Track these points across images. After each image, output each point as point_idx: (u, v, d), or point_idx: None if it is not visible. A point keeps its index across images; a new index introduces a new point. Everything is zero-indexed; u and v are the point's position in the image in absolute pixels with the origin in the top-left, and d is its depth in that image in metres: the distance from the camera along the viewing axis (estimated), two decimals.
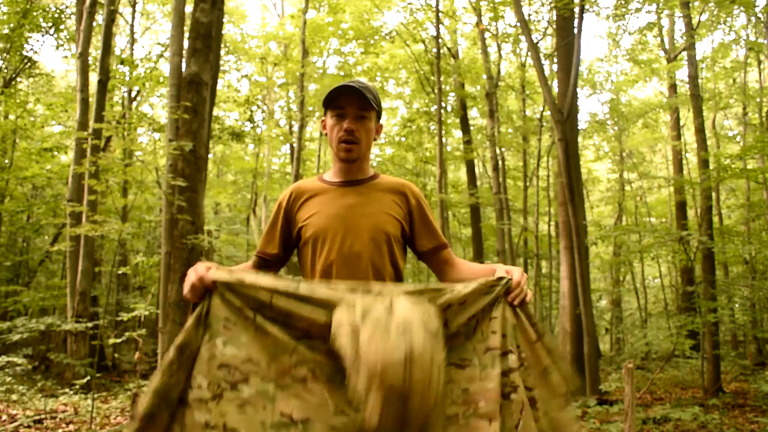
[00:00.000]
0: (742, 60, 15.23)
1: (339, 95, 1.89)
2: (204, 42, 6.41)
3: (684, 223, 13.32)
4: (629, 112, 17.37)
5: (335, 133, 1.91)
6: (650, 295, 19.93)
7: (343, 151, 1.91)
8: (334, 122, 1.91)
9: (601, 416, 6.83)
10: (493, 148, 13.30)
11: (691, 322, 8.01)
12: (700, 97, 10.50)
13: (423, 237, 1.96)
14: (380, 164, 17.52)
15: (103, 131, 9.95)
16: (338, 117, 1.91)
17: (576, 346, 8.89)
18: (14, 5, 12.31)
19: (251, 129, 15.96)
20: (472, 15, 14.54)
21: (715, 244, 8.93)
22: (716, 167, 9.29)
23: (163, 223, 6.58)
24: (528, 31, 9.00)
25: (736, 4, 10.20)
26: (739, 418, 6.80)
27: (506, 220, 12.69)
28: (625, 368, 4.37)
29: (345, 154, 1.91)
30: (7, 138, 13.86)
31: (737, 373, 10.63)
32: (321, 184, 1.97)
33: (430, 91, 14.92)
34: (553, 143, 11.14)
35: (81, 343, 9.48)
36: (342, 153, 1.91)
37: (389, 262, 1.86)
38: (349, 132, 1.89)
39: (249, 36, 16.37)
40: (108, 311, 12.61)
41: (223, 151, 20.00)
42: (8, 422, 6.38)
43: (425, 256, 1.97)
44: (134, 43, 16.08)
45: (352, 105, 1.89)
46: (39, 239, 16.58)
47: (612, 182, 20.25)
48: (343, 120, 1.90)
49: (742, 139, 16.08)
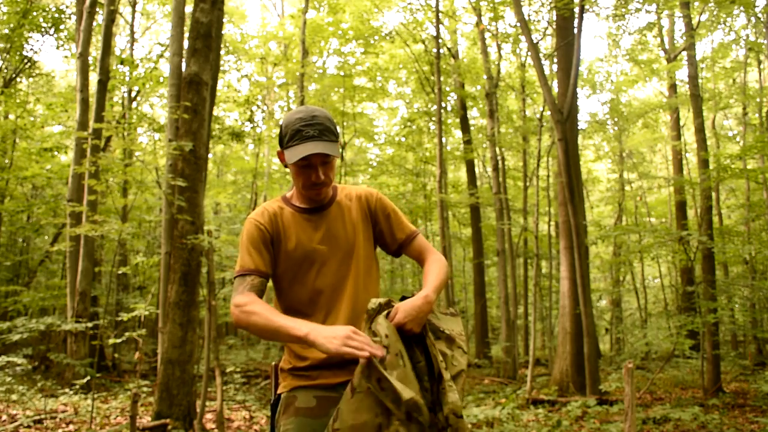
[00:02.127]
0: (742, 60, 15.23)
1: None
2: (204, 42, 6.42)
3: (684, 223, 13.33)
4: (629, 112, 17.38)
5: (301, 182, 1.89)
6: (650, 295, 19.95)
7: (315, 195, 1.92)
8: (299, 170, 1.87)
9: (601, 416, 6.83)
10: (493, 148, 13.30)
11: (691, 322, 8.01)
12: (700, 97, 10.51)
13: (395, 231, 2.05)
14: (380, 164, 17.53)
15: (103, 131, 9.96)
16: (303, 168, 1.86)
17: (576, 346, 8.89)
18: (14, 5, 12.31)
19: (251, 129, 15.95)
20: (472, 15, 14.55)
21: (715, 244, 8.93)
22: (716, 167, 9.29)
23: (163, 223, 6.58)
24: (528, 31, 9.00)
25: (736, 4, 10.20)
26: (739, 418, 6.80)
27: (506, 220, 12.69)
28: (625, 368, 4.37)
29: (317, 197, 1.93)
30: (7, 138, 13.87)
31: (737, 373, 10.64)
32: (290, 210, 1.97)
33: (430, 91, 14.92)
34: (553, 143, 11.14)
35: (81, 343, 9.48)
36: (314, 197, 1.93)
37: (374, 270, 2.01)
38: (317, 182, 1.87)
39: (249, 36, 16.37)
40: (108, 311, 12.61)
41: (223, 151, 20.02)
42: (8, 422, 6.38)
43: (402, 247, 2.05)
44: (134, 43, 16.10)
45: (317, 157, 1.84)
46: (39, 239, 16.59)
47: (612, 182, 20.26)
48: (309, 170, 1.86)
49: (742, 139, 16.08)
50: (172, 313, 5.97)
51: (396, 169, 17.17)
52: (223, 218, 19.39)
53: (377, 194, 2.07)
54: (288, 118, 1.89)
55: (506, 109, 16.51)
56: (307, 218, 1.95)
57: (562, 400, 7.98)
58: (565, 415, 6.95)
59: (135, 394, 4.74)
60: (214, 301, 5.85)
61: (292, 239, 1.91)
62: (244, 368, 11.75)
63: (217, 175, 20.71)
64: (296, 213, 1.96)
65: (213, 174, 19.75)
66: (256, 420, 6.98)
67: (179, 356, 5.92)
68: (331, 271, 1.91)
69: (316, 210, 1.97)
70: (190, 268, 6.05)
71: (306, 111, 1.87)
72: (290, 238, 1.92)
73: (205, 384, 5.69)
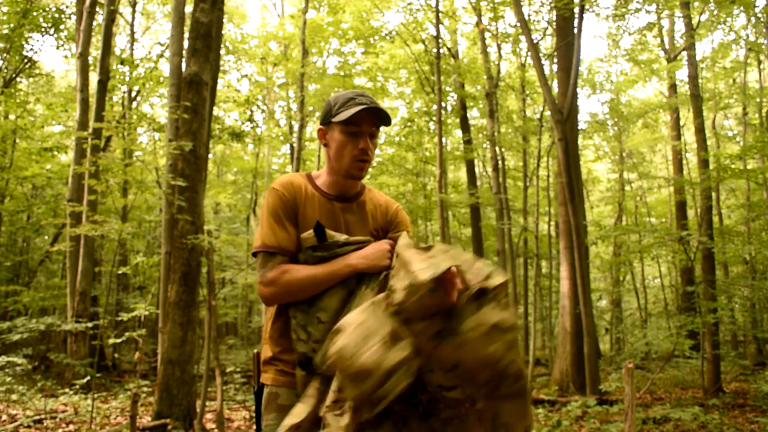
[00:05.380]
0: (742, 60, 15.23)
1: (357, 114, 1.80)
2: (204, 42, 6.42)
3: (684, 223, 13.32)
4: (629, 112, 17.37)
5: (347, 151, 1.83)
6: (650, 295, 19.93)
7: (357, 170, 1.86)
8: (346, 139, 1.83)
9: (601, 416, 6.83)
10: (493, 148, 13.30)
11: (691, 322, 8.01)
12: (700, 97, 10.51)
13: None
14: (380, 164, 17.52)
15: (103, 131, 9.96)
16: (352, 135, 1.82)
17: (576, 346, 8.90)
18: (14, 5, 12.31)
19: (251, 129, 15.95)
20: (472, 15, 14.54)
21: (715, 244, 8.93)
22: (716, 167, 9.30)
23: (163, 223, 6.58)
24: (528, 31, 9.00)
25: (736, 4, 10.20)
26: (739, 418, 6.80)
27: (506, 220, 12.68)
28: (625, 368, 4.37)
29: (358, 173, 1.87)
30: (7, 138, 13.88)
31: (737, 373, 10.63)
32: (314, 191, 1.89)
33: (430, 91, 14.92)
34: (553, 143, 11.14)
35: (81, 343, 9.48)
36: (355, 171, 1.86)
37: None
38: (365, 151, 1.84)
39: (249, 36, 16.36)
40: (108, 311, 12.61)
41: (223, 151, 20.01)
42: (8, 422, 6.38)
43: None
44: (134, 43, 16.10)
45: (369, 123, 1.83)
46: (39, 239, 16.59)
47: (612, 182, 20.26)
48: (358, 138, 1.82)
49: (742, 139, 16.08)
50: (172, 313, 5.97)
51: (396, 169, 17.15)
52: (223, 218, 19.42)
53: (397, 206, 2.02)
54: (337, 95, 1.88)
55: (506, 109, 16.50)
56: (329, 207, 1.88)
57: (562, 400, 7.99)
58: (565, 415, 6.95)
59: (135, 394, 4.74)
60: (214, 301, 5.85)
61: (306, 224, 1.83)
62: (244, 368, 11.76)
63: (217, 175, 20.70)
64: (320, 197, 1.88)
65: (213, 174, 19.74)
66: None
67: (179, 356, 5.92)
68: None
69: (341, 199, 1.90)
70: (190, 268, 6.05)
71: (355, 91, 1.88)
72: (305, 223, 1.83)
73: (205, 384, 5.69)
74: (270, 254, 1.78)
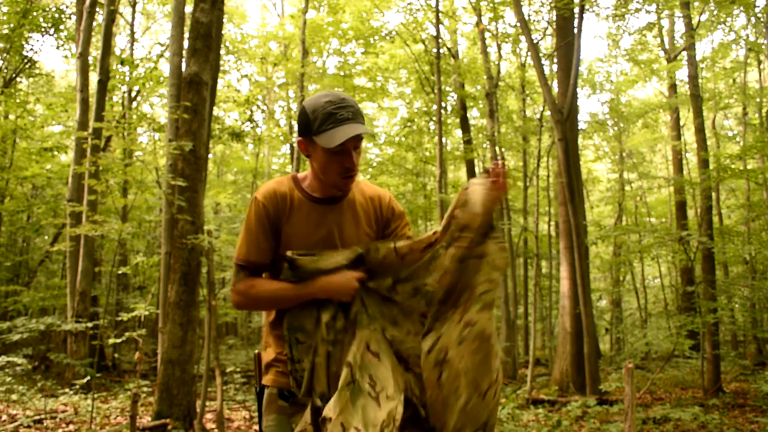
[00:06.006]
0: (742, 60, 15.22)
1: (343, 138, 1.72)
2: (204, 42, 6.41)
3: (684, 223, 13.32)
4: (629, 112, 17.36)
5: (333, 169, 1.78)
6: (650, 295, 19.93)
7: (344, 185, 1.83)
8: (331, 158, 1.76)
9: (601, 416, 6.83)
10: (493, 148, 13.29)
11: (691, 322, 8.02)
12: (700, 97, 10.51)
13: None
14: (380, 164, 17.52)
15: (103, 131, 9.96)
16: (336, 154, 1.75)
17: (576, 346, 8.89)
18: (14, 5, 12.31)
19: (251, 129, 15.95)
20: (472, 15, 14.53)
21: (715, 244, 8.93)
22: (716, 167, 9.31)
23: (163, 223, 6.58)
24: (528, 31, 9.00)
25: (736, 4, 10.20)
26: (739, 418, 6.80)
27: (506, 220, 12.69)
28: (625, 368, 4.37)
29: (346, 187, 1.85)
30: (7, 138, 13.87)
31: (737, 373, 10.63)
32: (301, 196, 1.86)
33: (430, 91, 14.91)
34: (553, 143, 11.14)
35: (81, 343, 9.48)
36: (343, 186, 1.84)
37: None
38: (350, 168, 1.78)
39: (249, 36, 16.35)
40: (108, 311, 12.61)
41: (223, 151, 20.01)
42: (8, 422, 6.38)
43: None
44: (134, 43, 16.10)
45: (353, 140, 1.75)
46: (39, 239, 16.59)
47: (612, 182, 20.25)
48: (343, 156, 1.76)
49: (742, 139, 16.08)
50: (172, 313, 5.97)
51: (396, 169, 17.16)
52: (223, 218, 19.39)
53: (389, 197, 1.99)
54: (313, 103, 1.77)
55: (506, 109, 16.50)
56: (318, 210, 1.85)
57: (562, 400, 7.99)
58: (565, 415, 6.95)
59: (135, 394, 4.74)
60: (214, 301, 5.85)
61: (292, 230, 1.83)
62: (244, 368, 11.76)
63: (217, 175, 20.70)
64: (308, 202, 1.86)
65: (213, 174, 19.74)
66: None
67: (179, 356, 5.92)
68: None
69: (327, 201, 1.87)
70: (190, 268, 6.05)
71: (332, 94, 1.78)
72: (292, 229, 1.83)
73: (205, 384, 5.69)
74: (241, 266, 1.84)
